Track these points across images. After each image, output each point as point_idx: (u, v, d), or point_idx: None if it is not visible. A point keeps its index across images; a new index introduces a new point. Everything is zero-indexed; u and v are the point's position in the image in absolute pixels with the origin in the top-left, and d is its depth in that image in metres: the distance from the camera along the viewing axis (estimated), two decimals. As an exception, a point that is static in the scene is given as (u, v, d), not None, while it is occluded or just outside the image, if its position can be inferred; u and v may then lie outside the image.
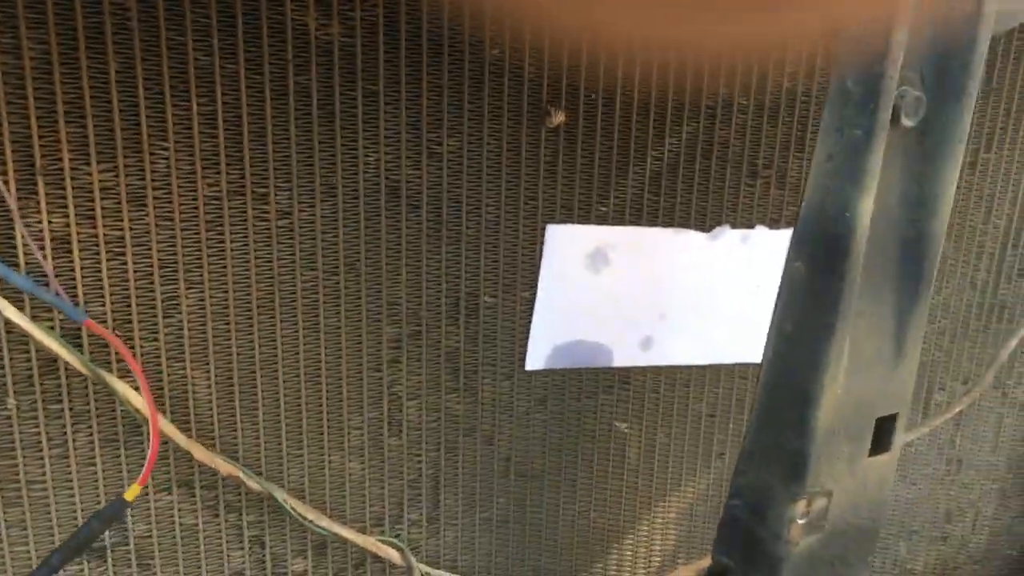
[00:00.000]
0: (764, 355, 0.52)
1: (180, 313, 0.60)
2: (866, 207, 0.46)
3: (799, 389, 0.50)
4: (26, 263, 0.55)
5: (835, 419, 0.51)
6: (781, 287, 0.50)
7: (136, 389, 0.59)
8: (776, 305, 0.51)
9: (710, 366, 0.79)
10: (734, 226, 0.75)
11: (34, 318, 0.55)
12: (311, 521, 0.65)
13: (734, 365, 0.79)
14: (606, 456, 0.78)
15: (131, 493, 0.54)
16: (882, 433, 0.53)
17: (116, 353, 0.58)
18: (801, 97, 0.72)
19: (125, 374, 0.59)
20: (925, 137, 0.47)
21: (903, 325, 0.51)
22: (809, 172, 0.48)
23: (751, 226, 0.75)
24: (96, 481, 0.61)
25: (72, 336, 0.57)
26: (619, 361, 0.75)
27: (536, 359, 0.72)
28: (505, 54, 0.63)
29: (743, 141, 0.72)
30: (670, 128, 0.70)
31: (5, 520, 0.59)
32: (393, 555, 0.70)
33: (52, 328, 0.56)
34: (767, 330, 0.52)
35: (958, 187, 0.64)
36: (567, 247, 0.70)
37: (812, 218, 0.47)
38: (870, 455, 0.54)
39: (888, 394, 0.52)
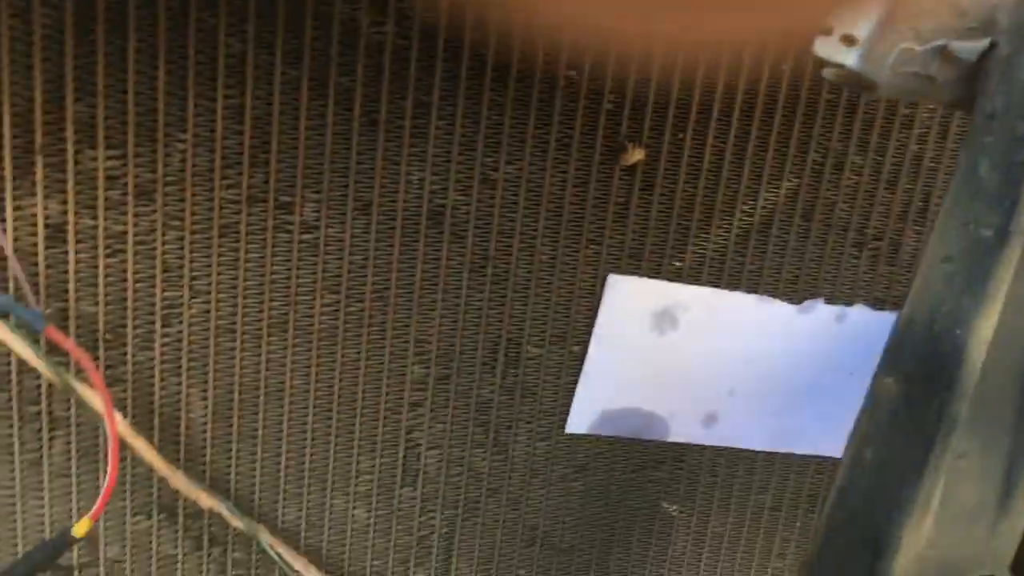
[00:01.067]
0: (836, 480, 0.43)
1: (181, 323, 0.54)
2: (985, 327, 0.36)
3: (871, 534, 0.41)
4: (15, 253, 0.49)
5: None
6: (865, 403, 0.41)
7: (123, 403, 0.54)
8: (857, 422, 0.41)
9: (780, 454, 0.69)
10: (829, 301, 0.65)
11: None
12: (297, 572, 0.58)
13: (810, 457, 0.69)
14: (648, 539, 0.69)
15: (80, 528, 0.47)
16: (971, 597, 0.43)
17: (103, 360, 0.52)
18: (928, 164, 0.62)
19: (116, 382, 0.53)
20: (1078, 246, 0.37)
21: (1012, 474, 0.41)
22: (920, 263, 0.39)
23: (850, 303, 0.65)
24: (70, 495, 0.55)
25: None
26: (676, 436, 0.66)
27: (580, 422, 0.63)
28: (582, 77, 0.55)
29: (852, 205, 0.62)
30: (767, 181, 0.60)
31: (-34, 524, 0.54)
32: (390, 618, 0.63)
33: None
34: (843, 447, 0.43)
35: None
36: (630, 302, 0.61)
37: (915, 327, 0.38)
38: (954, 620, 0.44)
39: (985, 554, 0.42)
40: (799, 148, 0.60)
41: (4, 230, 0.47)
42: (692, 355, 0.63)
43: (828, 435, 0.69)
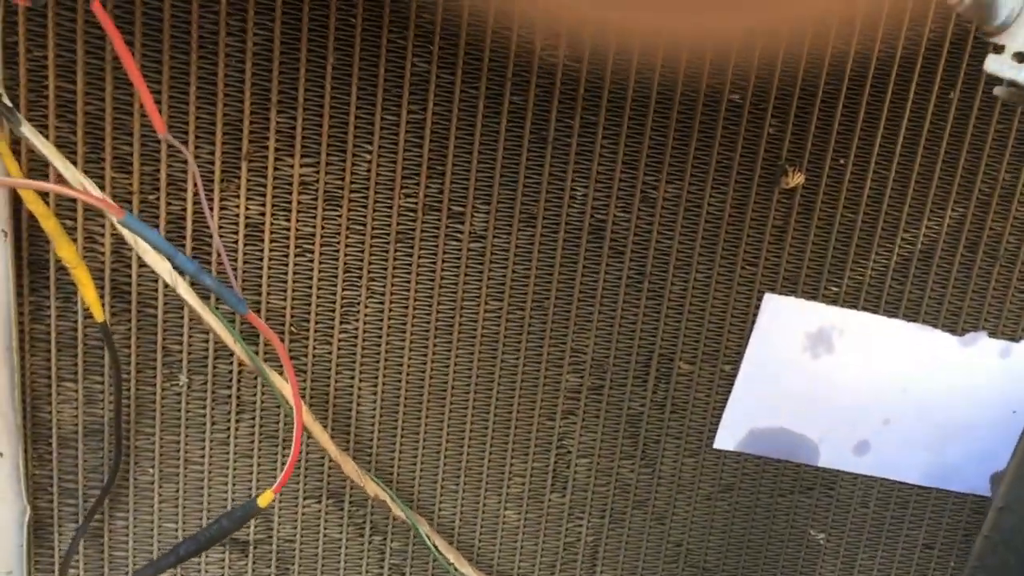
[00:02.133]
0: (993, 502, 0.43)
1: (357, 321, 0.58)
2: None
3: (1030, 553, 0.40)
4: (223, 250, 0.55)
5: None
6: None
7: (303, 392, 0.58)
8: (1019, 445, 0.41)
9: (937, 490, 0.67)
10: (993, 335, 0.63)
11: (218, 302, 0.55)
12: (452, 564, 0.61)
13: (967, 495, 0.67)
14: (794, 566, 0.68)
15: (264, 499, 0.52)
16: None
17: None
18: (1104, 196, 0.60)
19: (297, 373, 0.58)
20: None
21: None
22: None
23: (1016, 339, 0.63)
24: (250, 474, 0.60)
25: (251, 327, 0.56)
26: (826, 461, 0.66)
27: (728, 438, 0.64)
28: (746, 101, 0.56)
29: (1020, 238, 0.61)
30: (931, 209, 0.60)
31: (160, 494, 0.60)
32: (534, 619, 0.65)
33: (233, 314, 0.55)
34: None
35: None
36: (786, 322, 0.62)
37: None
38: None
39: None
40: (965, 177, 0.60)
41: (217, 233, 0.52)
42: (846, 380, 0.63)
43: (986, 474, 0.67)
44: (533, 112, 0.55)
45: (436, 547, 0.61)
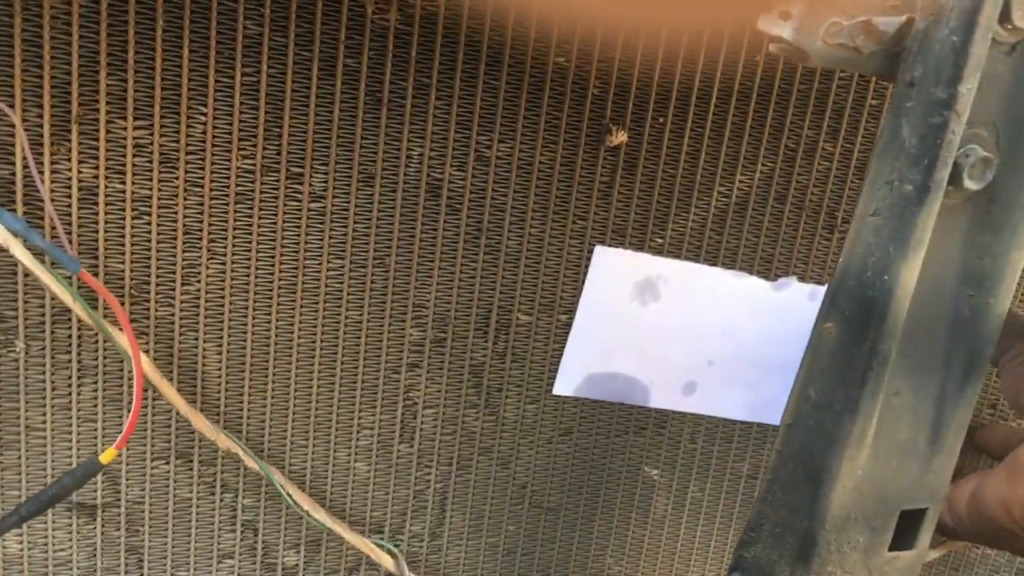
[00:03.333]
0: (783, 419, 0.47)
1: (199, 282, 0.59)
2: (909, 273, 0.40)
3: (815, 464, 0.45)
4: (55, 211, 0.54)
5: (852, 505, 0.46)
6: (809, 347, 0.45)
7: (146, 351, 0.59)
8: (801, 366, 0.46)
9: (758, 424, 0.73)
10: (802, 279, 0.69)
11: (54, 265, 0.55)
12: (307, 511, 0.63)
13: (784, 428, 0.73)
14: (631, 501, 0.73)
15: (106, 456, 0.53)
16: (906, 528, 0.48)
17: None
18: (894, 150, 0.66)
19: (139, 335, 0.58)
20: (993, 205, 0.42)
21: (943, 413, 0.45)
22: (854, 217, 0.43)
23: (822, 283, 0.69)
24: (95, 437, 0.60)
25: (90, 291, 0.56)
26: (657, 403, 0.70)
27: (566, 384, 0.68)
28: (571, 63, 0.60)
29: (824, 190, 0.67)
30: (743, 165, 0.65)
31: (1, 462, 0.59)
32: (387, 561, 0.67)
33: (68, 277, 0.55)
34: (790, 391, 0.47)
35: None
36: (615, 273, 0.66)
37: (850, 275, 0.42)
38: (891, 550, 0.48)
39: (918, 487, 0.47)
40: (772, 134, 0.65)
41: (49, 193, 0.52)
42: (672, 325, 0.68)
43: (802, 408, 0.73)
44: (367, 75, 0.57)
45: (290, 495, 0.63)
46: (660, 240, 0.66)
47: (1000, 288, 0.43)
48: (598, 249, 0.64)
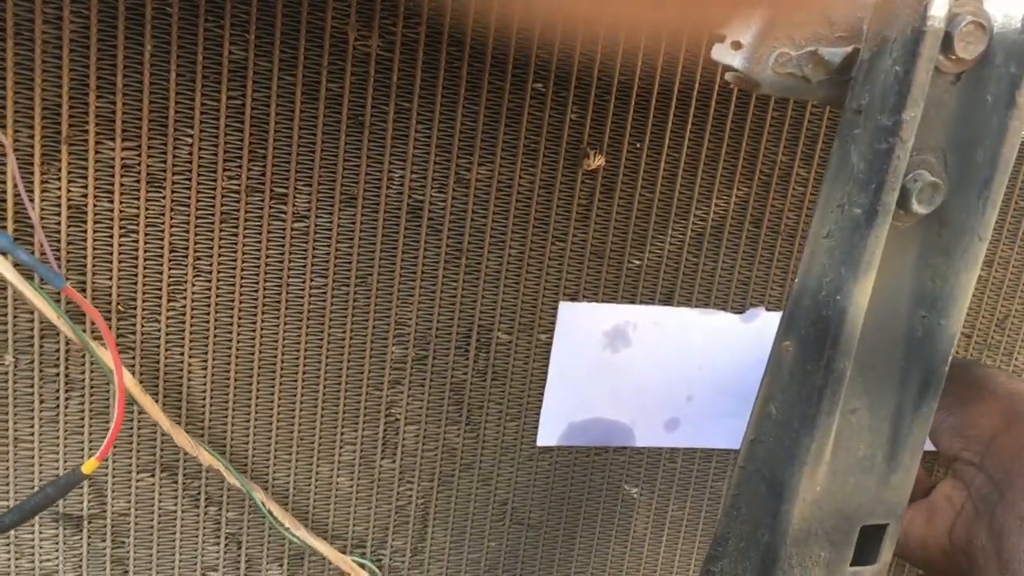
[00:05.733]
0: (745, 435, 0.49)
1: (185, 299, 0.60)
2: (862, 294, 0.42)
3: (776, 480, 0.46)
4: (43, 230, 0.56)
5: (813, 520, 0.47)
6: (768, 365, 0.47)
7: (131, 368, 0.60)
8: (762, 383, 0.47)
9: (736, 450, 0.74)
10: (770, 309, 0.70)
11: (42, 281, 0.56)
12: (287, 528, 0.65)
13: (763, 448, 0.74)
14: (611, 519, 0.74)
15: (88, 466, 0.54)
16: (868, 543, 0.49)
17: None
18: (869, 175, 0.68)
19: (125, 350, 0.60)
20: (943, 228, 0.43)
21: (900, 432, 0.46)
22: (808, 239, 0.45)
23: (799, 304, 0.71)
24: (82, 450, 0.62)
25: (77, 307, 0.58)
26: (642, 442, 0.72)
27: (549, 435, 0.69)
28: (548, 89, 0.61)
29: (799, 215, 0.68)
30: (719, 189, 0.66)
31: (-11, 472, 0.61)
32: (368, 579, 0.68)
33: (57, 293, 0.57)
34: (751, 408, 0.49)
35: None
36: (582, 324, 0.67)
37: (805, 296, 0.44)
38: (852, 565, 0.49)
39: (877, 503, 0.48)
40: (748, 160, 0.66)
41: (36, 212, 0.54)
42: (647, 367, 0.69)
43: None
44: (349, 99, 0.59)
45: (271, 513, 0.64)
46: (638, 262, 0.67)
47: (952, 309, 0.44)
48: (562, 305, 0.66)
